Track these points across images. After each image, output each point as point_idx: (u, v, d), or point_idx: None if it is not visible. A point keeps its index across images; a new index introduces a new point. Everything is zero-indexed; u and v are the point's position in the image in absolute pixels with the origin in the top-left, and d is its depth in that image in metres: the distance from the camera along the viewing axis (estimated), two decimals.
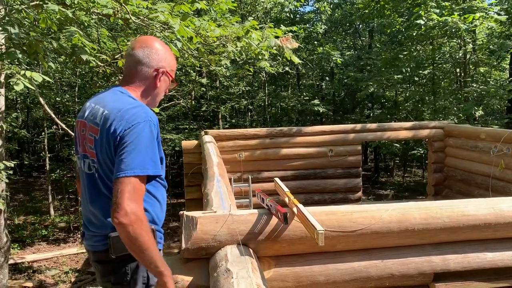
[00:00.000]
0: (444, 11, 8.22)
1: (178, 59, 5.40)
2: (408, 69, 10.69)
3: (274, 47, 5.03)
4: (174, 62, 1.80)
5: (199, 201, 5.08)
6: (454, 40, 9.63)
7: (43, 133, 9.85)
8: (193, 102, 10.82)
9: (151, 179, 1.59)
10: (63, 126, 5.27)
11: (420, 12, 8.37)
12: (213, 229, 1.94)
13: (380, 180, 13.19)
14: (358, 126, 6.78)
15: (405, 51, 10.34)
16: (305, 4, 14.09)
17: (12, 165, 4.66)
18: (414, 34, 9.49)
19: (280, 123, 13.26)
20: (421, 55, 10.55)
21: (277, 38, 5.07)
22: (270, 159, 6.49)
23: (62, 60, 8.07)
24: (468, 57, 9.47)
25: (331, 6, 13.15)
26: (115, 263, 1.62)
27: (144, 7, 4.38)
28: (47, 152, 9.80)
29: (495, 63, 11.51)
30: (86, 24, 5.81)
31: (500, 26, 9.53)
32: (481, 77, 11.33)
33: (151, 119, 1.57)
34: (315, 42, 12.63)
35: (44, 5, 3.60)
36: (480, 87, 9.13)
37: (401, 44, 11.11)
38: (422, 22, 8.18)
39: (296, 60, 5.21)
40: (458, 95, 9.76)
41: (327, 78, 14.72)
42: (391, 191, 11.06)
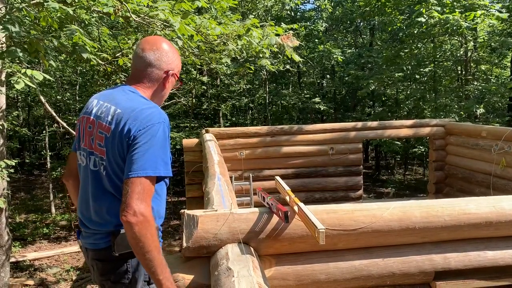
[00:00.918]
0: (445, 9, 8.21)
1: None
2: (409, 67, 10.67)
3: (275, 45, 5.02)
4: (181, 63, 1.84)
5: (200, 199, 5.08)
6: (455, 38, 9.62)
7: (44, 132, 9.87)
8: (194, 100, 10.82)
9: (160, 180, 1.60)
10: (64, 125, 5.28)
11: (421, 10, 8.35)
12: (214, 228, 1.94)
13: (381, 178, 13.18)
14: (359, 124, 6.75)
15: (406, 49, 10.32)
16: (306, 2, 14.12)
17: (13, 164, 4.66)
18: (415, 32, 9.45)
19: (281, 121, 13.26)
20: (422, 53, 10.53)
21: (278, 36, 5.06)
22: (271, 157, 6.48)
23: (63, 59, 8.08)
24: (469, 55, 9.46)
25: (332, 4, 13.14)
26: (116, 262, 1.62)
27: (145, 5, 4.38)
28: (48, 151, 9.82)
29: (496, 61, 11.47)
30: (87, 22, 5.80)
31: (502, 24, 9.49)
32: (482, 75, 11.29)
33: (165, 121, 1.60)
34: (316, 40, 12.62)
35: (45, 3, 3.60)
36: (481, 85, 9.12)
37: (402, 42, 11.07)
38: (423, 20, 8.16)
39: (297, 58, 5.20)
40: (459, 93, 9.75)
41: (328, 76, 14.72)
42: (392, 189, 11.05)
